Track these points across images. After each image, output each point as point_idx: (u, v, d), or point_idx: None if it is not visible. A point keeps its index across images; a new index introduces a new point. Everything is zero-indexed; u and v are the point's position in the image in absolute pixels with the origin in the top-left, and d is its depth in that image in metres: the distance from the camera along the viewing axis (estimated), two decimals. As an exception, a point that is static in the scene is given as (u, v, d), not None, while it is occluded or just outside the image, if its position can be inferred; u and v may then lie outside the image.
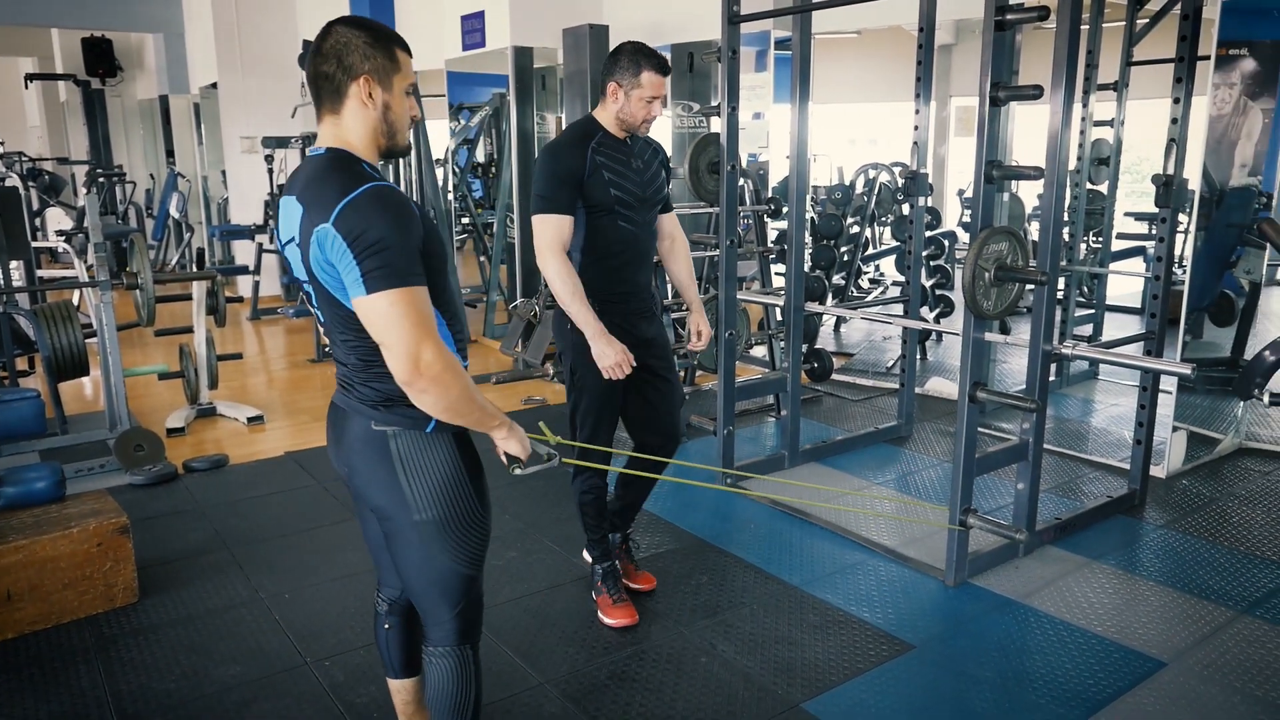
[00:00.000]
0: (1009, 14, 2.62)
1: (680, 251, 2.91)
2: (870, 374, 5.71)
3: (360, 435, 1.71)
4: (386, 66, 1.63)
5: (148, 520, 3.57)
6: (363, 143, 1.65)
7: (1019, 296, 2.86)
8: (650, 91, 2.57)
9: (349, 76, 1.61)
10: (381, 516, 1.75)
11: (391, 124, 1.66)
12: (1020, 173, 2.73)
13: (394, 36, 1.66)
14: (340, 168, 1.59)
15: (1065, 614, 2.82)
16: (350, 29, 1.62)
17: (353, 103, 1.62)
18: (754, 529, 3.48)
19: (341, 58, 1.61)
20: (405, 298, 1.52)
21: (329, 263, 1.55)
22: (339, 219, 1.51)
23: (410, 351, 1.53)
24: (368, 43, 1.61)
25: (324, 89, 1.63)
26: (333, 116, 1.64)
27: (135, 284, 4.19)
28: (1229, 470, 4.06)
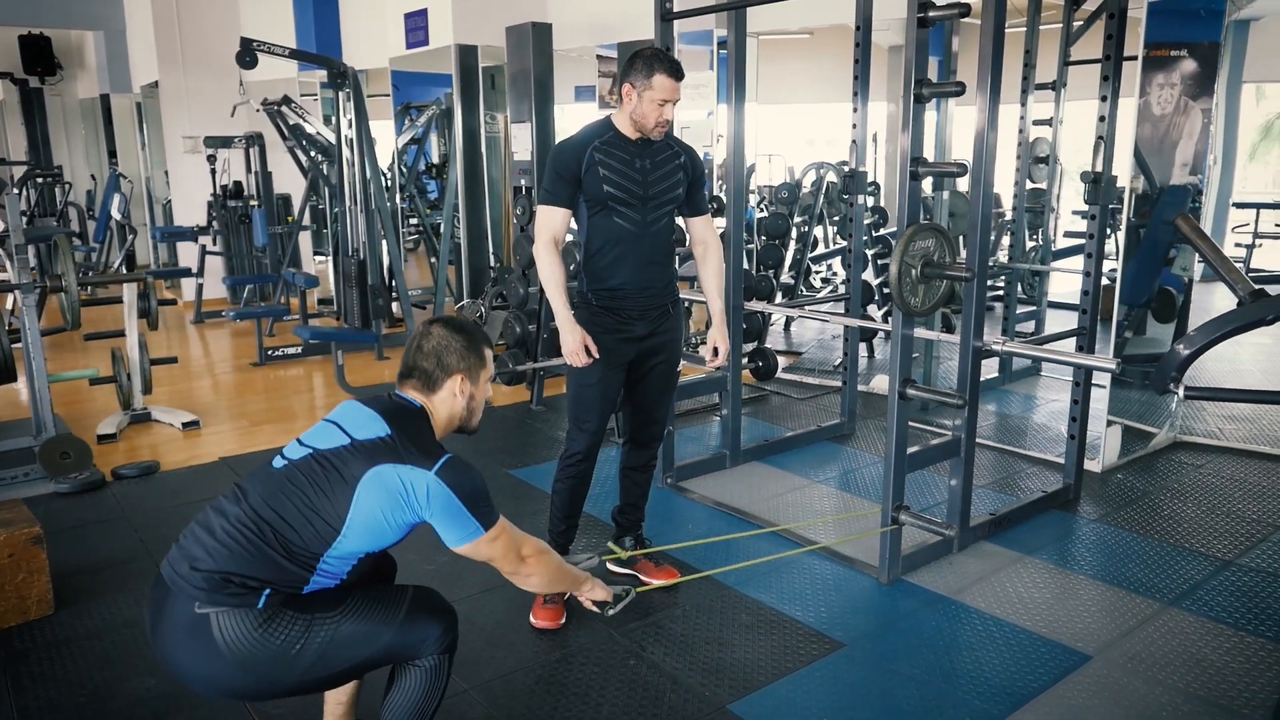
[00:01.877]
0: (930, 11, 2.63)
1: (711, 259, 2.94)
2: (817, 372, 5.73)
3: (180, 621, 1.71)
4: (477, 366, 1.96)
5: (70, 530, 3.46)
6: (441, 420, 1.95)
7: (948, 293, 2.87)
8: (661, 94, 2.62)
9: (445, 374, 1.93)
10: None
11: (472, 411, 1.99)
12: (945, 169, 2.73)
13: (485, 338, 1.99)
14: (428, 426, 1.90)
15: (996, 609, 2.84)
16: (449, 332, 1.93)
17: (444, 393, 1.94)
18: (692, 529, 3.46)
19: (441, 358, 1.92)
20: (503, 526, 1.88)
21: (403, 497, 1.74)
22: (444, 471, 1.76)
23: (516, 556, 1.91)
24: (464, 346, 1.94)
25: (420, 379, 1.94)
26: (423, 395, 1.94)
27: (59, 287, 4.07)
28: (1163, 464, 4.12)
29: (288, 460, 1.81)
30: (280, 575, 1.71)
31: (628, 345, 2.78)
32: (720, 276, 2.96)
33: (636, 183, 2.69)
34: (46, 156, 11.41)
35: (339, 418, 1.87)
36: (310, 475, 1.75)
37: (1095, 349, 3.64)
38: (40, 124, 11.38)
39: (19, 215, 3.95)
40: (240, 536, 1.72)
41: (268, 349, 6.38)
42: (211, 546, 1.72)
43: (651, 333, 2.81)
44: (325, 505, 1.73)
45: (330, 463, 1.76)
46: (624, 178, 2.67)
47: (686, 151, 2.82)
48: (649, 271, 2.76)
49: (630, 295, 2.75)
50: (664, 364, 2.90)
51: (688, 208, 2.87)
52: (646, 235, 2.73)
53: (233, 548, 1.71)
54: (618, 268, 2.72)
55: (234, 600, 1.69)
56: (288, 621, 1.71)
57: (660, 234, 2.78)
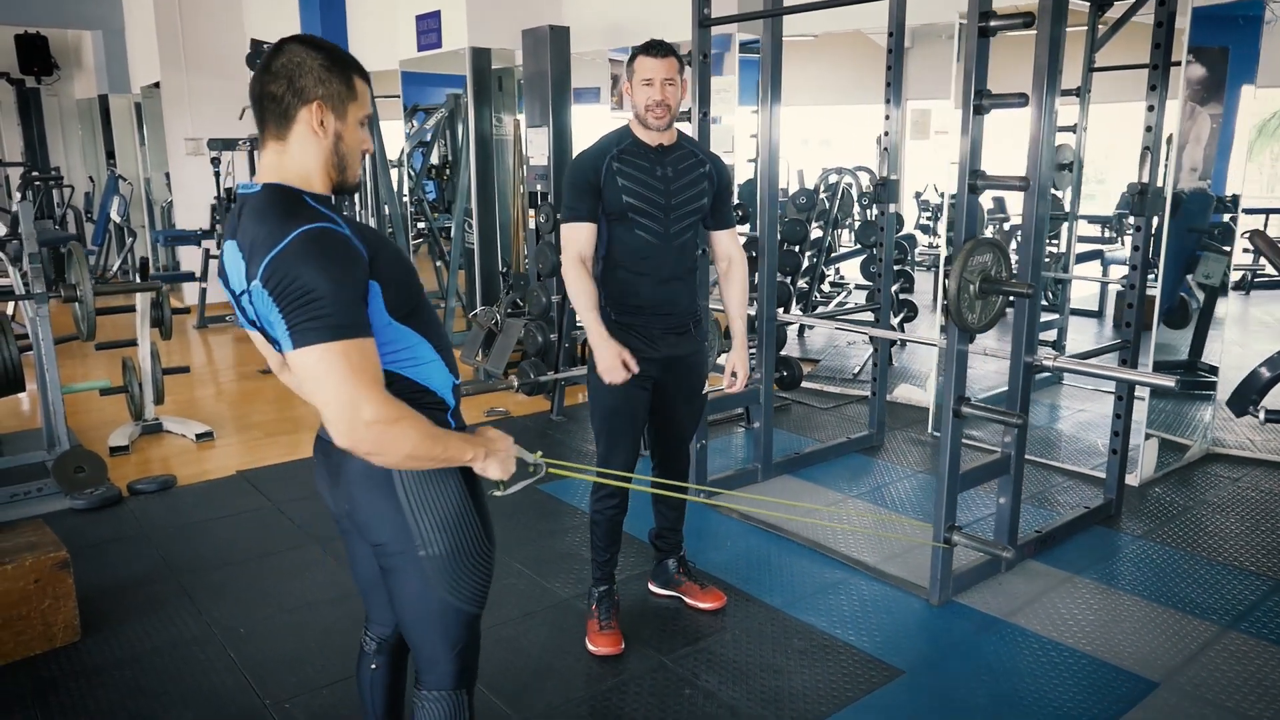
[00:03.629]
0: (992, 20, 2.55)
1: (736, 275, 2.80)
2: (837, 380, 5.66)
3: (361, 468, 1.55)
4: (342, 93, 1.49)
5: (90, 549, 3.36)
6: (306, 174, 1.49)
7: (1003, 309, 2.80)
8: (644, 73, 2.51)
9: (300, 100, 1.46)
10: (382, 553, 1.61)
11: (343, 156, 1.52)
12: (1005, 183, 2.66)
13: (353, 62, 1.52)
14: (276, 207, 1.42)
15: (1053, 632, 2.76)
16: (306, 49, 1.47)
17: (301, 129, 1.47)
18: (730, 546, 3.38)
19: (293, 79, 1.46)
20: (337, 352, 1.35)
21: (266, 320, 1.41)
22: (265, 271, 1.36)
23: (345, 412, 1.36)
24: (324, 65, 1.47)
25: (270, 111, 1.47)
26: (277, 143, 1.49)
27: (74, 296, 3.96)
28: (1199, 477, 4.06)
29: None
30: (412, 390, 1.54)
31: (650, 366, 2.63)
32: (744, 294, 2.82)
33: (658, 192, 2.56)
34: (43, 157, 11.25)
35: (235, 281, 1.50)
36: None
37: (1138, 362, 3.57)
38: (37, 124, 11.22)
39: (32, 222, 3.84)
40: None
41: (276, 356, 6.25)
42: None
43: (674, 354, 2.66)
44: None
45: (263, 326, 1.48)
46: (645, 187, 2.55)
47: (712, 160, 2.69)
48: (671, 288, 2.63)
49: (652, 314, 2.61)
50: (689, 387, 2.76)
51: (712, 220, 2.73)
52: (669, 249, 2.60)
53: None
54: (639, 284, 2.58)
55: None
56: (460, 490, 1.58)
57: (684, 248, 2.64)
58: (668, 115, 2.53)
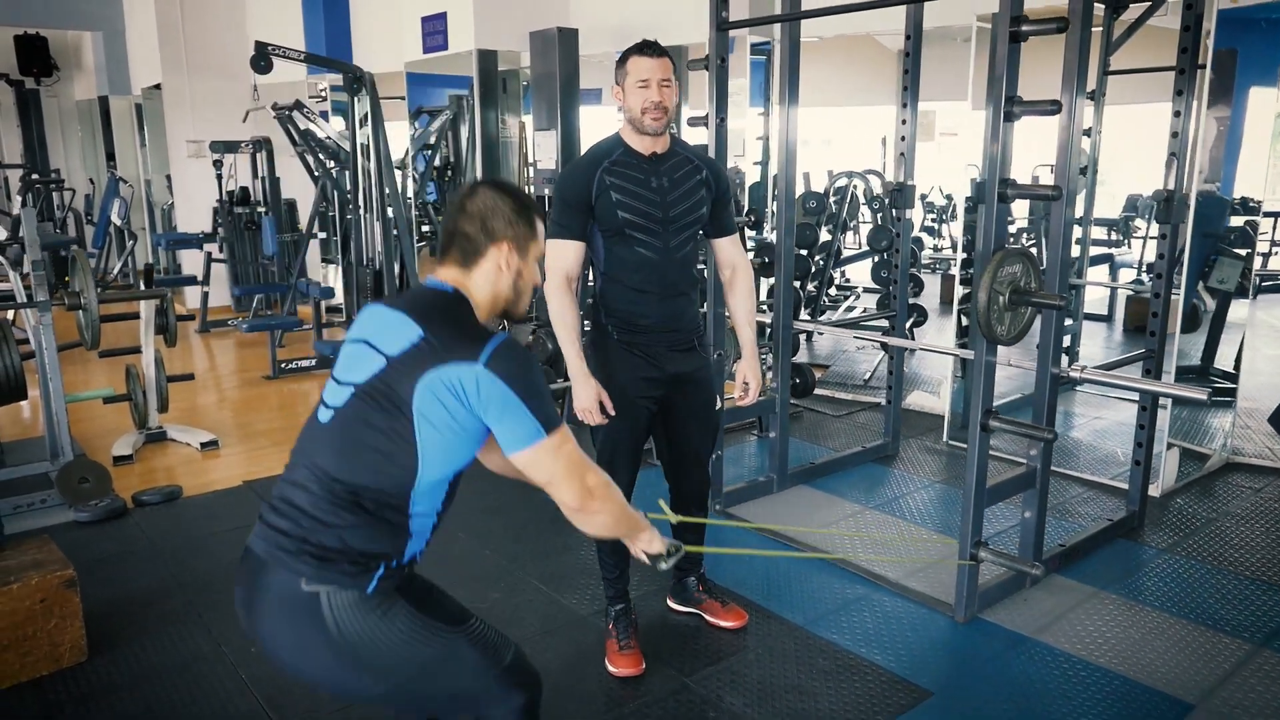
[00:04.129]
0: (1024, 25, 2.49)
1: (741, 284, 2.69)
2: (849, 387, 5.60)
3: (283, 596, 1.51)
4: (526, 236, 1.69)
5: (95, 564, 3.29)
6: (483, 300, 1.67)
7: (1032, 320, 2.74)
8: (638, 74, 2.40)
9: (490, 240, 1.65)
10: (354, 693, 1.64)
11: (519, 291, 1.71)
12: (1035, 192, 2.60)
13: (535, 206, 1.72)
14: (470, 314, 1.63)
15: (1082, 651, 2.70)
16: (498, 194, 1.67)
17: (488, 264, 1.66)
18: (748, 560, 3.31)
19: (486, 220, 1.65)
20: (566, 434, 1.59)
21: (461, 400, 1.51)
22: (494, 361, 1.51)
23: (581, 480, 1.60)
24: (514, 210, 1.67)
25: (462, 246, 1.67)
26: (461, 269, 1.67)
27: (78, 304, 3.89)
28: (1220, 487, 4.00)
29: (332, 409, 1.58)
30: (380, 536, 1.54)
31: (655, 386, 2.54)
32: (751, 302, 2.71)
33: (655, 205, 2.45)
34: (43, 159, 11.17)
35: (366, 332, 1.61)
36: (363, 418, 1.53)
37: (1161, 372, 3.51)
38: (36, 126, 11.13)
39: (35, 229, 3.77)
40: (325, 505, 1.53)
41: (280, 361, 6.19)
42: (304, 521, 1.53)
43: (681, 371, 2.58)
44: (392, 446, 1.52)
45: (376, 393, 1.52)
46: (641, 200, 2.43)
47: (709, 164, 2.57)
48: (675, 304, 2.54)
49: (657, 332, 2.52)
50: (700, 404, 2.67)
51: (712, 227, 2.62)
52: (670, 263, 2.50)
53: (324, 517, 1.52)
54: (640, 301, 2.49)
55: (344, 579, 1.51)
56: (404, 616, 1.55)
57: (685, 261, 2.55)
58: (665, 117, 2.42)
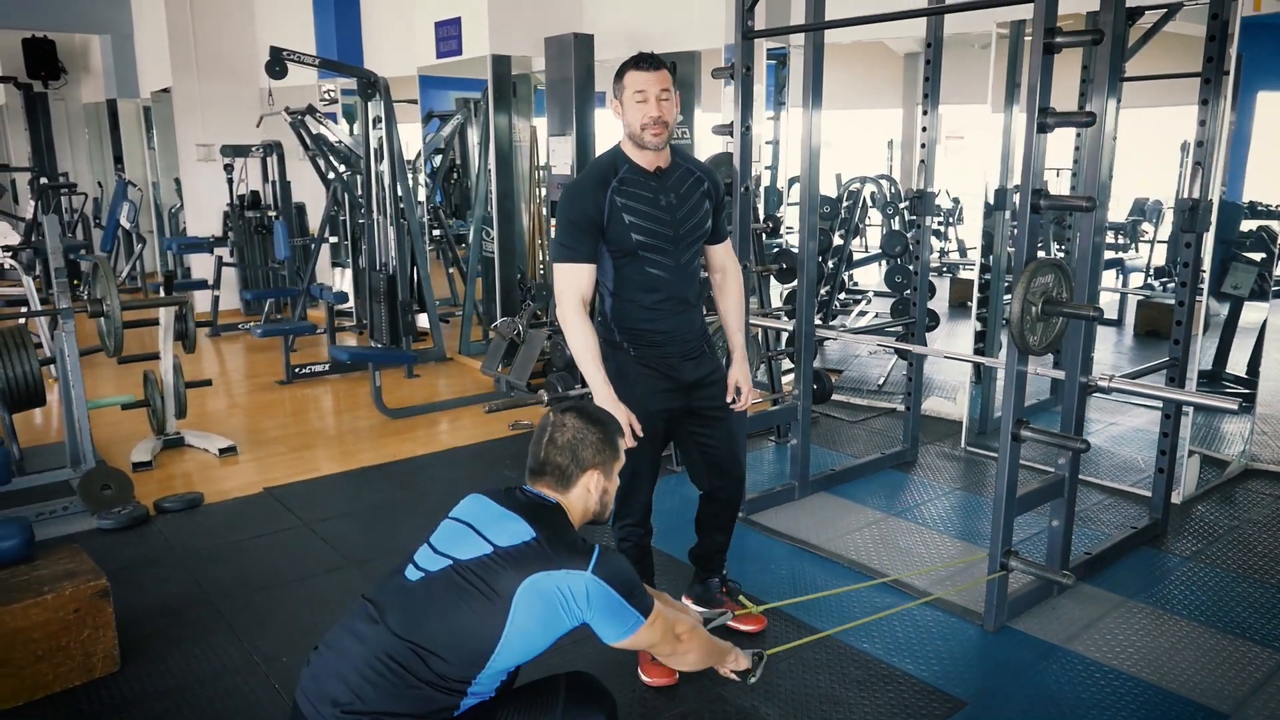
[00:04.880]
0: (1058, 37, 2.49)
1: (732, 287, 2.71)
2: (864, 393, 5.60)
3: None
4: (611, 459, 1.88)
5: (122, 571, 3.27)
6: (577, 516, 1.86)
7: (1064, 330, 2.74)
8: (636, 87, 2.35)
9: (580, 469, 1.85)
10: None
11: (605, 505, 1.91)
12: (1069, 203, 2.60)
13: (617, 427, 1.93)
14: (570, 523, 1.80)
15: (1114, 660, 2.70)
16: (584, 424, 1.86)
17: (579, 490, 1.85)
18: (775, 569, 3.32)
19: (576, 452, 1.84)
20: (659, 609, 1.81)
21: (565, 604, 1.65)
22: (600, 568, 1.67)
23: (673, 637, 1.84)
24: (600, 439, 1.86)
25: (555, 474, 1.85)
26: (554, 492, 1.85)
27: (100, 311, 3.89)
28: (1241, 494, 4.00)
29: (425, 572, 1.68)
30: (432, 707, 1.58)
31: (674, 395, 2.55)
32: (741, 307, 2.73)
33: (665, 224, 2.43)
34: (51, 162, 11.17)
35: (470, 518, 1.76)
36: (455, 591, 1.62)
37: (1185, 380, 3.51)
38: (44, 129, 11.13)
39: (58, 237, 3.77)
40: (386, 670, 1.57)
41: (293, 366, 6.19)
42: (355, 683, 1.57)
43: (696, 377, 2.58)
44: (476, 624, 1.60)
45: (476, 575, 1.63)
46: (652, 221, 2.41)
47: (707, 174, 2.56)
48: (687, 316, 2.55)
49: (670, 343, 2.53)
50: (718, 406, 2.66)
51: (709, 234, 2.62)
52: (681, 279, 2.50)
53: (379, 684, 1.56)
54: (654, 318, 2.49)
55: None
56: None
57: (693, 273, 2.56)
58: (665, 132, 2.38)
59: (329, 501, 3.97)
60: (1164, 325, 7.02)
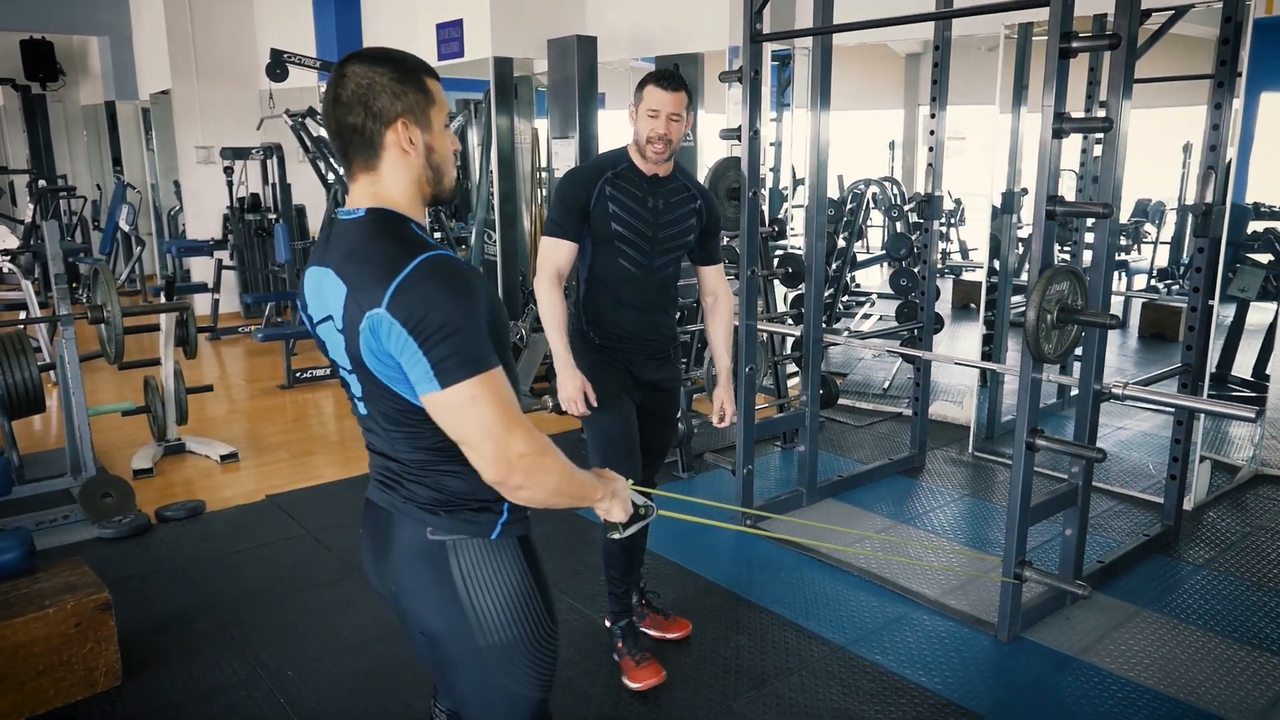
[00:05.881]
0: (1074, 41, 2.46)
1: (722, 312, 2.76)
2: (870, 397, 5.57)
3: (412, 546, 1.45)
4: (420, 102, 1.39)
5: (123, 582, 3.24)
6: (406, 197, 1.41)
7: (1078, 338, 2.70)
8: (650, 103, 2.44)
9: (382, 123, 1.37)
10: (436, 641, 1.50)
11: (437, 167, 1.43)
12: (1085, 210, 2.56)
13: (420, 65, 1.42)
14: (386, 234, 1.35)
15: (1129, 672, 2.67)
16: (370, 67, 1.36)
17: (391, 153, 1.38)
18: (784, 578, 3.28)
19: (368, 103, 1.36)
20: (485, 385, 1.29)
21: (387, 354, 1.31)
22: (394, 302, 1.27)
23: (500, 447, 1.31)
24: (394, 79, 1.37)
25: (354, 143, 1.38)
26: (369, 173, 1.40)
27: (101, 317, 3.85)
28: (1251, 500, 3.97)
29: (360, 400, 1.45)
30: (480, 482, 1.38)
31: (634, 391, 2.61)
32: (729, 331, 2.79)
33: (646, 223, 2.52)
34: (49, 164, 11.12)
35: (318, 306, 1.41)
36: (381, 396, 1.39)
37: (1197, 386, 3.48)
38: (42, 131, 11.08)
39: (59, 243, 3.73)
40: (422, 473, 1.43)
41: (294, 370, 6.15)
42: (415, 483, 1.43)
43: (656, 379, 2.65)
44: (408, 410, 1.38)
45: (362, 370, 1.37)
46: (634, 216, 2.50)
47: (704, 195, 2.64)
48: (652, 318, 2.61)
49: (634, 340, 2.59)
50: (665, 413, 2.75)
51: (700, 254, 2.70)
52: (651, 280, 2.56)
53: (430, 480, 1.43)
54: (620, 311, 2.56)
55: (468, 526, 1.44)
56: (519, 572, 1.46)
57: (666, 280, 2.61)
58: (668, 150, 2.49)
59: (332, 509, 3.93)
60: (1169, 328, 7.03)
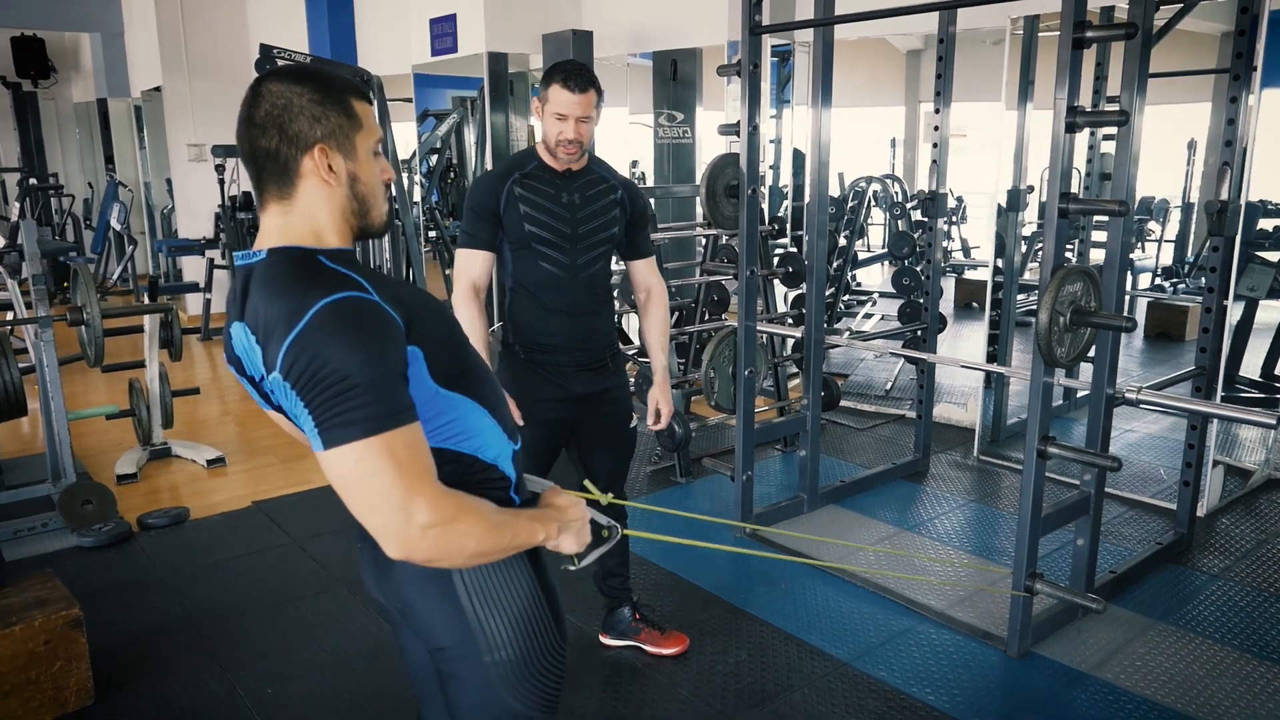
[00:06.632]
0: (1088, 31, 2.34)
1: (655, 308, 2.60)
2: (872, 398, 5.46)
3: (415, 568, 1.33)
4: (344, 126, 1.24)
5: (101, 594, 3.13)
6: (325, 229, 1.26)
7: (1091, 341, 2.59)
8: (558, 107, 2.29)
9: (298, 149, 1.22)
10: (441, 658, 1.39)
11: (363, 199, 1.28)
12: (1100, 207, 2.45)
13: (346, 84, 1.27)
14: (288, 278, 1.18)
15: (1146, 689, 2.56)
16: (288, 85, 1.22)
17: (309, 182, 1.24)
18: (785, 589, 3.17)
19: (284, 126, 1.21)
20: (379, 448, 1.11)
21: (292, 413, 1.16)
22: (286, 359, 1.12)
23: (394, 520, 1.12)
24: (314, 100, 1.22)
25: (267, 169, 1.23)
26: (281, 203, 1.25)
27: (80, 319, 3.74)
28: (1265, 506, 3.86)
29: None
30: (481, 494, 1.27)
31: (561, 406, 2.44)
32: (665, 327, 2.61)
33: (563, 220, 2.38)
34: (40, 162, 11.00)
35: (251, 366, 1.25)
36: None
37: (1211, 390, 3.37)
38: (33, 128, 10.96)
39: (36, 242, 3.62)
40: None
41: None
42: None
43: (591, 390, 2.47)
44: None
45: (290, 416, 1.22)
46: (548, 214, 2.36)
47: (624, 185, 2.50)
48: (584, 323, 2.44)
49: (564, 350, 2.43)
50: (613, 422, 2.56)
51: (628, 249, 2.55)
52: (577, 281, 2.40)
53: None
54: (548, 318, 2.40)
55: None
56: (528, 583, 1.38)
57: (594, 280, 2.44)
58: (579, 151, 2.36)
59: (320, 516, 3.82)
60: (1175, 327, 6.92)
